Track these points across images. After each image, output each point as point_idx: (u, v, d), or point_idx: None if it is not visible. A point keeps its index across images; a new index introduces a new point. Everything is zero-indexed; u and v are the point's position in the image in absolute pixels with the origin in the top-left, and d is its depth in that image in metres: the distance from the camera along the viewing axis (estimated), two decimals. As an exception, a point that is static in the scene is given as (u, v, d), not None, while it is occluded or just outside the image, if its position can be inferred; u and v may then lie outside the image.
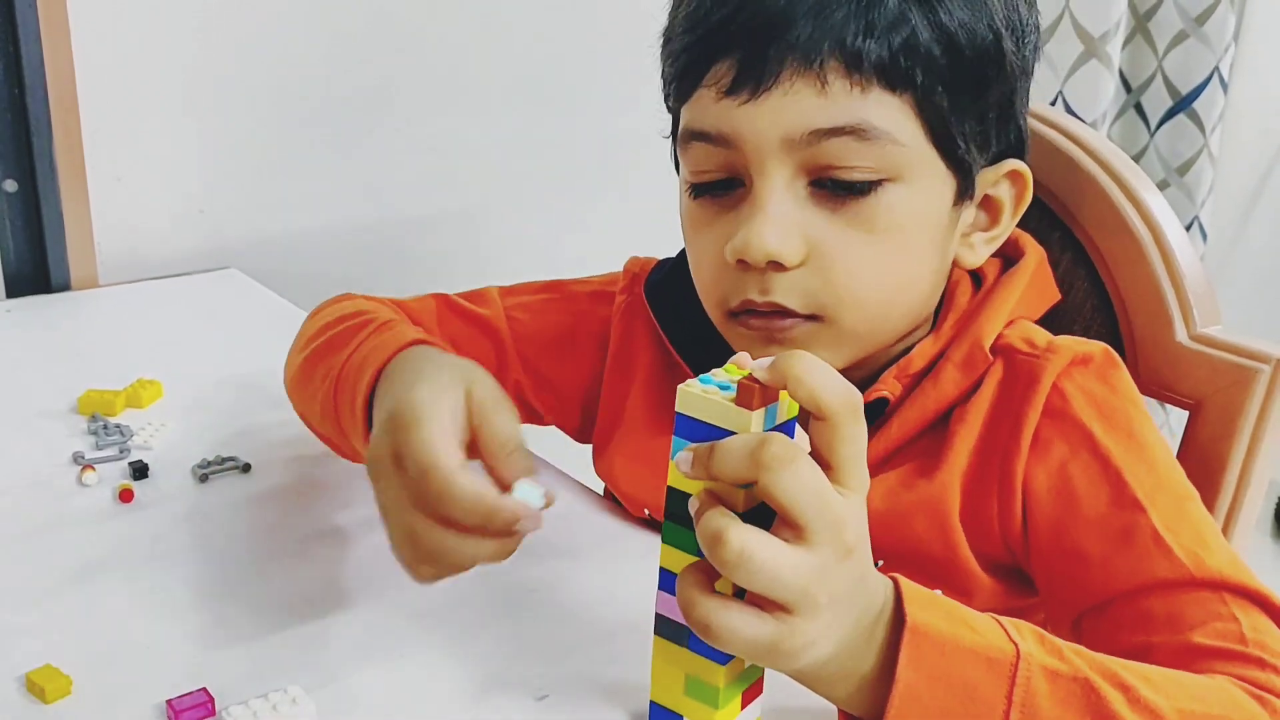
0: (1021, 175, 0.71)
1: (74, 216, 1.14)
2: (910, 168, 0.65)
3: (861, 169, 0.64)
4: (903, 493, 0.69)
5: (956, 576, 0.69)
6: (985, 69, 0.65)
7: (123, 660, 0.62)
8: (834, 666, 0.51)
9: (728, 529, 0.47)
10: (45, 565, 0.70)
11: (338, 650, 0.63)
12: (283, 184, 1.30)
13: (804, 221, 0.64)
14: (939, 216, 0.68)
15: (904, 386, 0.70)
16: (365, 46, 1.31)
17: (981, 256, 0.72)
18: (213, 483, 0.80)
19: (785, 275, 0.65)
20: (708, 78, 0.65)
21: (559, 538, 0.76)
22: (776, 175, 0.64)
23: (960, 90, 0.65)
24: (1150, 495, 0.64)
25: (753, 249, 0.64)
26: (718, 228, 0.67)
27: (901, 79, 0.63)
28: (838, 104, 0.63)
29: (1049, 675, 0.52)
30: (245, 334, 1.08)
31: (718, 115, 0.65)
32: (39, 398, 0.91)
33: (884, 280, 0.66)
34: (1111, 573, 0.63)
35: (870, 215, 0.65)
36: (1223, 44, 1.98)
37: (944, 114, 0.65)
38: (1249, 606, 0.60)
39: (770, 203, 0.64)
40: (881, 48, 0.62)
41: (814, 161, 0.64)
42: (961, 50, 0.64)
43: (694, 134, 0.67)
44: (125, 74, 1.16)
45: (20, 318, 1.09)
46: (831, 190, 0.65)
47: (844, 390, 0.48)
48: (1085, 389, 0.68)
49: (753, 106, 0.63)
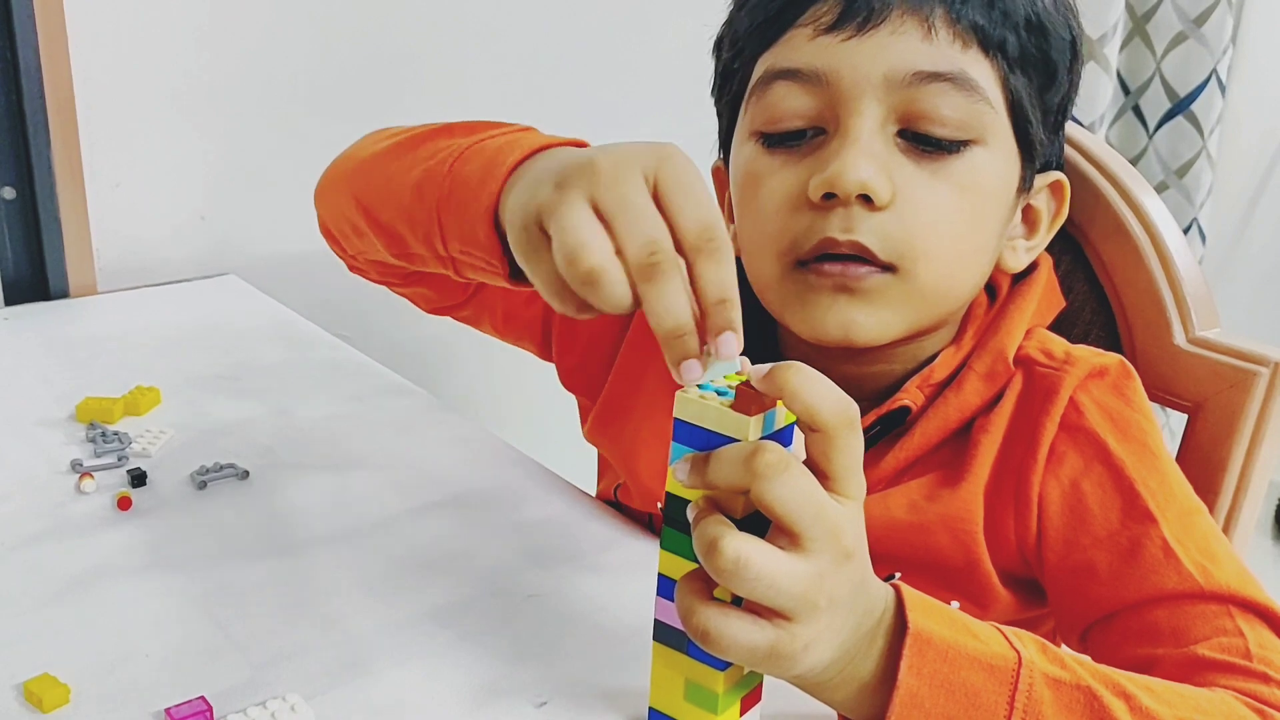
0: (1062, 187, 0.73)
1: (72, 223, 1.14)
2: (993, 133, 0.66)
3: (952, 124, 0.64)
4: (926, 505, 0.69)
5: (975, 588, 0.69)
6: (1061, 63, 0.67)
7: (121, 669, 0.61)
8: (834, 671, 0.51)
9: (723, 537, 0.47)
10: (43, 573, 0.70)
11: (336, 658, 0.63)
12: (282, 190, 1.30)
13: (892, 165, 0.64)
14: (1009, 194, 0.69)
15: (926, 396, 0.70)
16: (364, 53, 1.31)
17: (1022, 263, 0.72)
18: (211, 490, 0.80)
19: (870, 216, 0.64)
20: (804, 17, 0.65)
21: (557, 544, 0.76)
22: (870, 114, 0.64)
23: (1039, 74, 0.67)
24: (1162, 507, 0.64)
25: (847, 179, 0.62)
26: (791, 172, 0.66)
27: (995, 45, 0.64)
28: (941, 51, 0.64)
29: (1051, 683, 0.52)
30: (244, 341, 1.08)
31: (813, 52, 0.65)
32: (37, 405, 0.91)
33: (961, 239, 0.66)
34: (1120, 585, 0.64)
35: (956, 173, 0.65)
36: (1221, 46, 1.98)
37: (1023, 92, 0.66)
38: (1255, 621, 0.60)
39: (863, 137, 0.63)
40: (981, 13, 0.64)
41: (909, 106, 0.64)
42: (1047, 35, 0.66)
43: (780, 73, 0.66)
44: (123, 80, 1.16)
45: (18, 325, 1.09)
46: (920, 144, 0.65)
47: (840, 403, 0.48)
48: (1100, 402, 0.68)
49: (856, 43, 0.63)
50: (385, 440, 0.88)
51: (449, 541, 0.75)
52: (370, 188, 0.72)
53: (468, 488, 0.82)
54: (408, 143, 0.70)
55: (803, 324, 0.67)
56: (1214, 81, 2.00)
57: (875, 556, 0.54)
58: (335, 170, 0.77)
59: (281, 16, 1.25)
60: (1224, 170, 2.14)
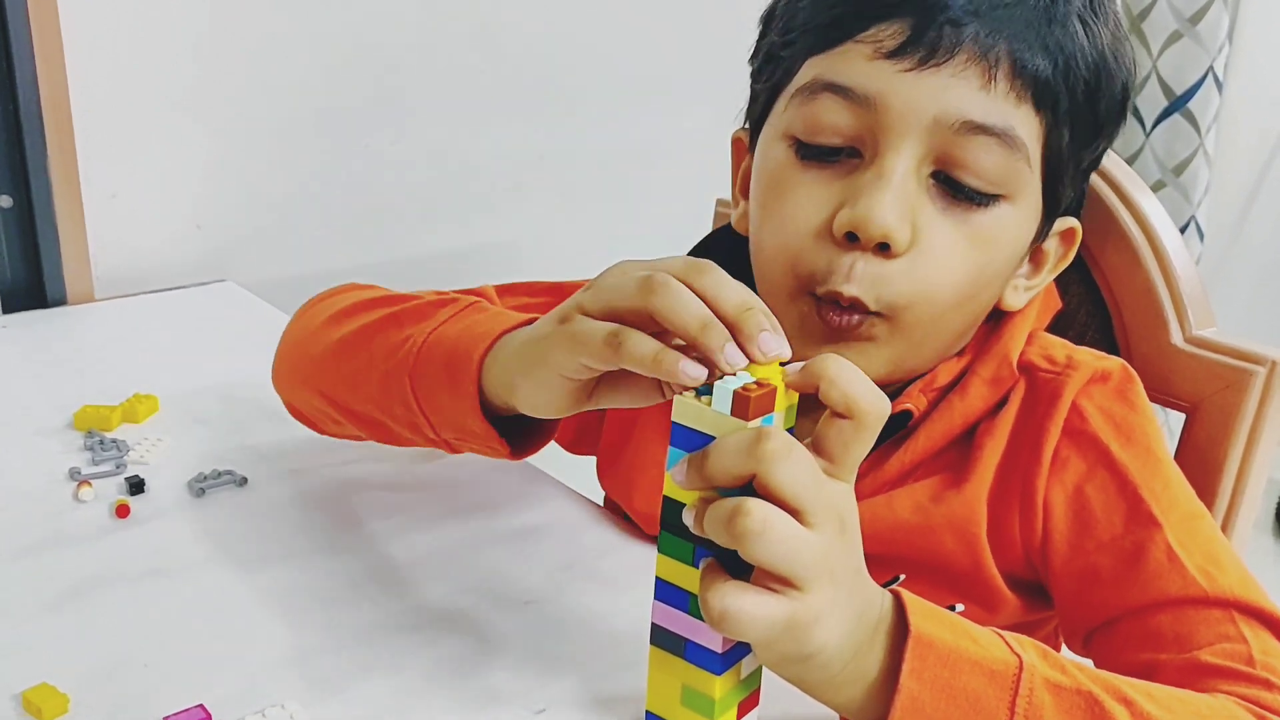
0: (1074, 233, 0.72)
1: (69, 232, 1.14)
2: (1023, 191, 0.65)
3: (988, 178, 0.63)
4: (931, 507, 0.69)
5: (981, 591, 0.69)
6: (1108, 119, 0.66)
7: (119, 677, 0.61)
8: (840, 664, 0.51)
9: (747, 500, 0.47)
10: (41, 582, 0.70)
11: (334, 665, 0.63)
12: (278, 196, 1.30)
13: (918, 208, 0.63)
14: (1022, 247, 0.68)
15: (929, 401, 0.70)
16: (361, 59, 1.31)
17: (1021, 302, 0.71)
18: (209, 497, 0.80)
19: (883, 264, 0.63)
20: (867, 34, 0.63)
21: (556, 550, 0.76)
22: (909, 152, 0.62)
23: (1083, 131, 0.65)
24: (1165, 512, 0.64)
25: (872, 224, 0.61)
26: (819, 190, 0.65)
27: (1049, 102, 0.63)
28: (996, 103, 0.62)
29: (1051, 688, 0.52)
30: (242, 347, 1.08)
31: (869, 74, 0.62)
32: (35, 414, 0.91)
33: (964, 290, 0.65)
34: (1124, 590, 0.64)
35: (980, 227, 0.64)
36: (1216, 43, 1.98)
37: (1062, 149, 0.65)
38: (1259, 627, 0.60)
39: (896, 178, 0.62)
40: (1049, 63, 0.62)
41: (949, 152, 0.62)
42: (1100, 93, 0.65)
43: (830, 86, 0.64)
44: (120, 88, 1.16)
45: (16, 333, 1.09)
46: (951, 190, 0.64)
47: (876, 394, 0.49)
48: (1104, 407, 0.68)
49: (915, 76, 0.61)
50: (383, 447, 0.88)
51: (447, 548, 0.75)
52: (332, 386, 0.73)
53: (466, 494, 0.82)
54: (354, 340, 0.71)
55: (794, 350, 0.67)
56: (1210, 79, 2.00)
57: (882, 558, 0.55)
58: (287, 361, 0.77)
59: (278, 26, 1.25)
60: (1221, 168, 2.14)
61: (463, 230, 1.45)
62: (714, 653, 0.52)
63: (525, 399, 0.59)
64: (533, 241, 1.51)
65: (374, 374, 0.68)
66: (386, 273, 1.39)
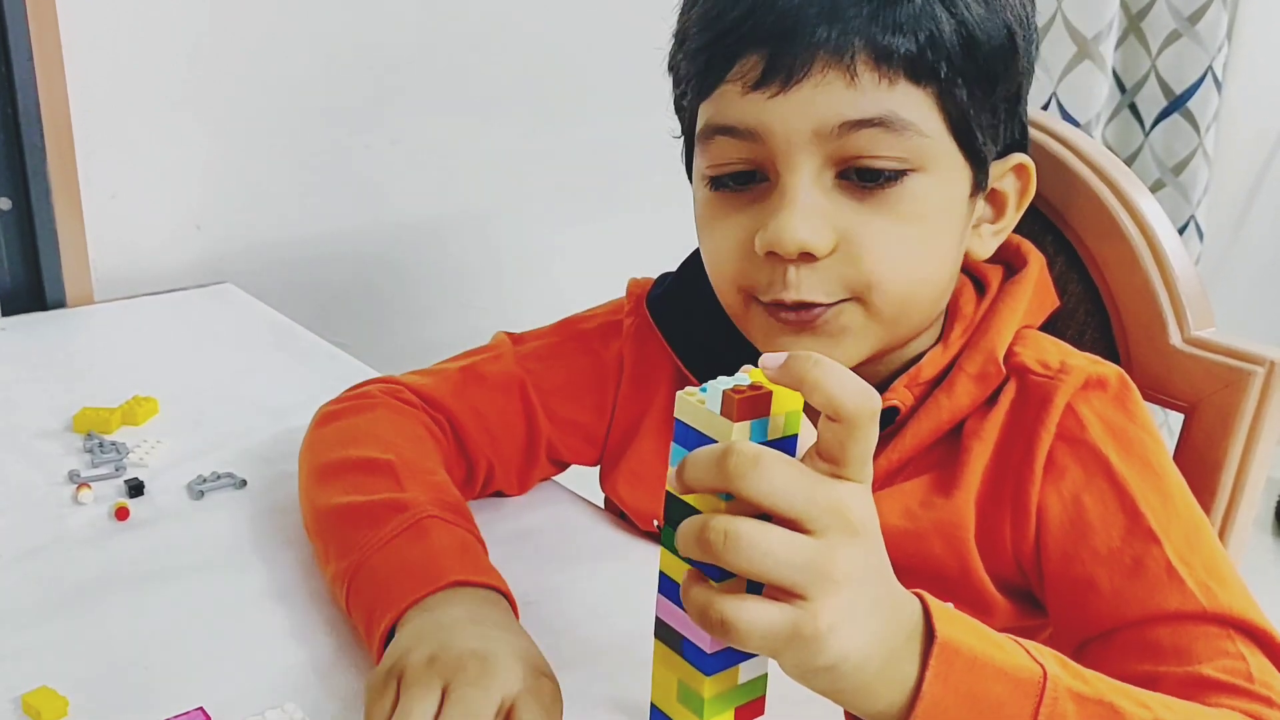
0: (1026, 169, 0.72)
1: (69, 234, 1.14)
2: (933, 159, 0.66)
3: (888, 159, 0.64)
4: (921, 512, 0.69)
5: (972, 596, 0.69)
6: (1000, 63, 0.67)
7: (119, 680, 0.62)
8: (872, 670, 0.49)
9: (709, 517, 0.47)
10: (41, 585, 0.70)
11: (335, 668, 0.63)
12: (278, 197, 1.30)
13: (832, 211, 0.65)
14: (958, 206, 0.69)
15: (915, 396, 0.70)
16: (359, 59, 1.31)
17: (990, 248, 0.72)
18: (209, 499, 0.80)
19: (814, 266, 0.65)
20: (732, 73, 0.65)
21: (558, 550, 0.76)
22: (805, 167, 0.64)
23: (978, 84, 0.66)
24: (1165, 526, 0.64)
25: (785, 241, 0.64)
26: (739, 218, 0.67)
27: (927, 72, 0.64)
28: (867, 96, 0.63)
29: (1075, 698, 0.52)
30: (241, 349, 1.08)
31: (743, 109, 0.65)
32: (34, 416, 0.91)
33: (910, 266, 0.66)
34: (1122, 602, 0.63)
35: (896, 203, 0.65)
36: (1215, 43, 1.98)
37: (963, 107, 0.66)
38: (1255, 648, 0.60)
39: (800, 194, 0.64)
40: (909, 42, 0.63)
41: (842, 153, 0.64)
42: (980, 45, 0.65)
43: (718, 129, 0.67)
44: (118, 90, 1.16)
45: (15, 336, 1.09)
46: (858, 181, 0.65)
47: (862, 392, 0.47)
48: (1103, 415, 0.68)
49: (783, 99, 0.63)
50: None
51: (447, 549, 0.75)
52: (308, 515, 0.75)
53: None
54: (335, 515, 0.71)
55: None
56: (1209, 78, 2.00)
57: None
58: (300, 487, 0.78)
59: (277, 26, 1.25)
60: (1221, 167, 2.14)
61: (463, 233, 1.45)
62: (703, 652, 0.52)
63: None
64: (534, 244, 1.51)
65: (330, 559, 0.70)
66: (386, 278, 1.40)
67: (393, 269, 1.40)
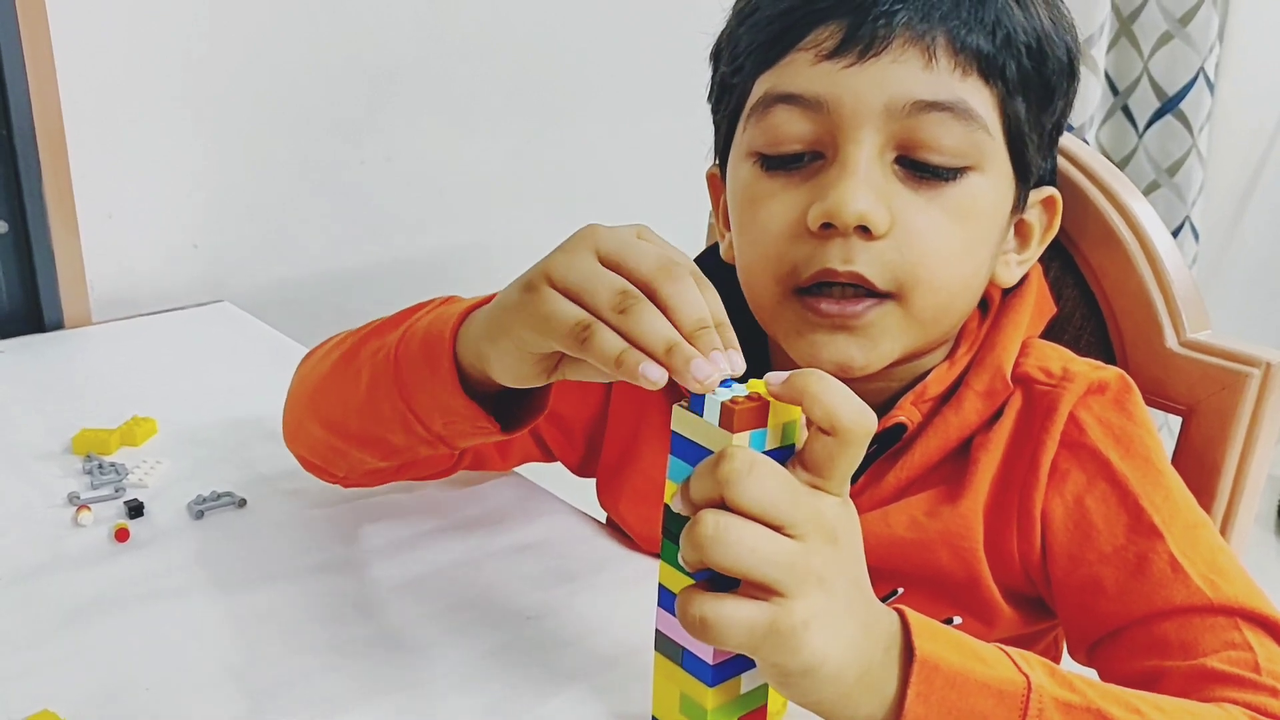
0: (1054, 202, 0.73)
1: (65, 255, 1.14)
2: (990, 160, 0.66)
3: (950, 152, 0.64)
4: (927, 522, 0.69)
5: (979, 605, 0.69)
6: (1058, 85, 0.68)
7: (120, 702, 0.61)
8: (850, 678, 0.50)
9: (703, 515, 0.48)
10: (41, 608, 0.70)
11: (336, 685, 0.63)
12: (273, 216, 1.31)
13: (890, 193, 0.64)
14: (1003, 217, 0.69)
15: (923, 413, 0.70)
16: (355, 77, 1.31)
17: (1015, 276, 0.72)
18: (209, 519, 0.80)
19: (869, 245, 0.64)
20: (806, 41, 0.65)
21: (557, 564, 0.76)
22: (868, 142, 0.64)
23: (1037, 96, 0.67)
24: (1167, 522, 0.64)
25: (845, 210, 0.62)
26: (789, 196, 0.66)
27: (997, 72, 0.65)
28: (941, 80, 0.64)
29: (1061, 707, 0.52)
30: (239, 368, 1.08)
31: (812, 77, 0.64)
32: (33, 439, 0.91)
33: (957, 265, 0.66)
34: (1129, 600, 0.63)
35: (953, 200, 0.65)
36: (1207, 44, 1.98)
37: (1020, 118, 0.66)
38: (1263, 636, 0.60)
39: (861, 167, 0.64)
40: (987, 38, 0.64)
41: (907, 135, 0.64)
42: (1046, 57, 0.66)
43: (781, 97, 0.65)
44: (113, 110, 1.17)
45: (13, 358, 1.09)
46: (917, 171, 0.65)
47: (861, 411, 0.49)
48: (1102, 418, 0.68)
49: (858, 70, 0.63)
50: (382, 464, 0.88)
51: (447, 565, 0.75)
52: (328, 408, 0.74)
53: (464, 510, 0.82)
54: (343, 358, 0.72)
55: (798, 353, 0.67)
56: (1202, 79, 2.00)
57: (878, 573, 0.54)
58: (290, 408, 0.78)
59: (272, 44, 1.25)
60: (1215, 167, 2.14)
61: (462, 245, 1.45)
62: (705, 663, 0.52)
63: (496, 368, 0.60)
64: (531, 252, 1.51)
65: (361, 381, 0.69)
66: (385, 294, 1.39)
67: (390, 285, 1.40)
